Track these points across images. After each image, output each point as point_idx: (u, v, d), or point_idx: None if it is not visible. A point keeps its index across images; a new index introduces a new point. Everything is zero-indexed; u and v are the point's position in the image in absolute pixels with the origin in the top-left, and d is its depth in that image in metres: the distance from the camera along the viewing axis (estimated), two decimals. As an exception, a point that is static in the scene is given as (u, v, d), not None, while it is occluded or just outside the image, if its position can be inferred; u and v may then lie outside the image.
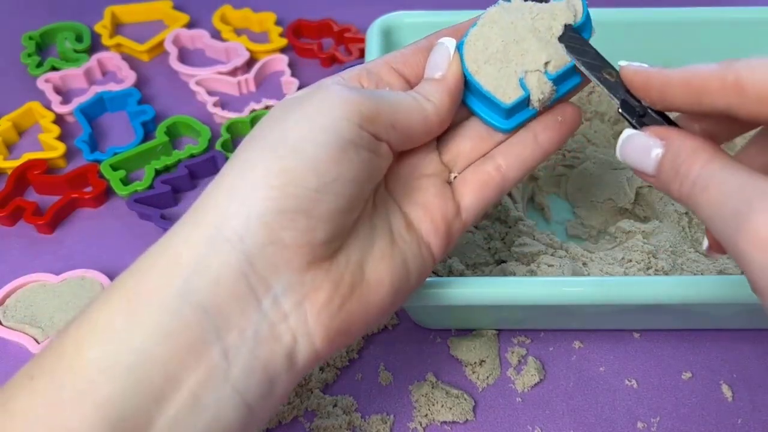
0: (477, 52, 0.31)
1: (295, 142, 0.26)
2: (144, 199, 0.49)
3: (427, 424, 0.38)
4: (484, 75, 0.30)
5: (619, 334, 0.42)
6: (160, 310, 0.25)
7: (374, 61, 0.31)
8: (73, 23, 0.61)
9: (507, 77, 0.30)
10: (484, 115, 0.31)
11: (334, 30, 0.60)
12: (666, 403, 0.39)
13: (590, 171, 0.46)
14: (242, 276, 0.26)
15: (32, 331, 0.42)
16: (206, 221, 0.26)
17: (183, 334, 0.25)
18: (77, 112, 0.54)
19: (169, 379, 0.24)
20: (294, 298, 0.26)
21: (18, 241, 0.48)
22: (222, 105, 0.56)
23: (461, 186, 0.32)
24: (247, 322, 0.26)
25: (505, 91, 0.30)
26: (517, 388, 0.40)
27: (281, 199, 0.25)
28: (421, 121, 0.29)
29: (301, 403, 0.39)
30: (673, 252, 0.41)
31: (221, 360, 0.25)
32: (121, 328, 0.24)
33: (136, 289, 0.25)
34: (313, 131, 0.26)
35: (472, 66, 0.31)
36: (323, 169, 0.26)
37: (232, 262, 0.25)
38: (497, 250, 0.42)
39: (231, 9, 0.63)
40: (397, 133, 0.29)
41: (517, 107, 0.31)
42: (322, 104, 0.27)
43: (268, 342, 0.26)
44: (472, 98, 0.31)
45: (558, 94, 0.31)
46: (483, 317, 0.41)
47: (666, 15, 0.48)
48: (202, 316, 0.25)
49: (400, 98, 0.29)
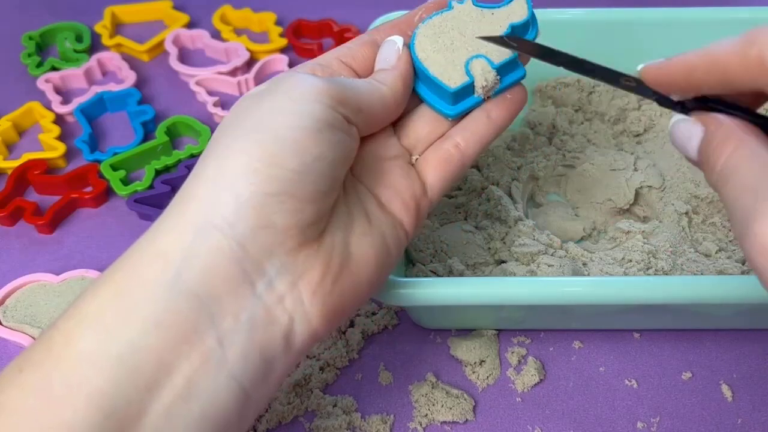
0: (427, 43, 0.33)
1: (274, 127, 0.27)
2: (144, 199, 0.49)
3: (427, 424, 0.38)
4: (433, 62, 0.32)
5: (619, 334, 0.42)
6: (150, 300, 0.25)
7: (324, 56, 0.33)
8: (73, 23, 0.61)
9: (453, 64, 0.32)
10: (432, 101, 0.33)
11: (334, 30, 0.60)
12: (666, 403, 0.39)
13: (590, 171, 0.46)
14: (235, 262, 0.26)
15: (32, 331, 0.42)
16: (192, 210, 0.26)
17: (175, 323, 0.25)
18: (77, 112, 0.54)
19: (163, 367, 0.24)
20: (288, 280, 0.27)
21: (18, 241, 0.48)
22: (222, 105, 0.56)
23: (424, 166, 0.34)
24: (241, 307, 0.26)
25: (450, 77, 0.32)
26: (517, 388, 0.40)
27: (266, 182, 0.26)
28: (380, 103, 0.31)
29: (301, 403, 0.39)
30: (673, 252, 0.41)
31: (216, 346, 0.25)
32: (111, 319, 0.25)
33: (125, 280, 0.25)
34: (289, 115, 0.27)
35: (421, 54, 0.33)
36: (303, 150, 0.27)
37: (224, 248, 0.26)
38: (497, 250, 0.42)
39: (231, 9, 0.63)
40: (363, 116, 0.30)
41: (462, 93, 0.33)
42: (293, 90, 0.28)
43: (264, 325, 0.26)
44: (422, 85, 0.33)
45: (502, 84, 0.33)
46: (483, 317, 0.41)
47: (666, 15, 0.48)
48: (195, 303, 0.25)
49: (359, 83, 0.31)
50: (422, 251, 0.42)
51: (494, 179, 0.45)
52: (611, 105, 0.49)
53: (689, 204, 0.44)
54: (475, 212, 0.44)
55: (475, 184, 0.45)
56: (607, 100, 0.49)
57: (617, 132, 0.49)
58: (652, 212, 0.45)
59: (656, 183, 0.45)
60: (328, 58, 0.32)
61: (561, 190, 0.47)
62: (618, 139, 0.49)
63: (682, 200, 0.44)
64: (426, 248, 0.42)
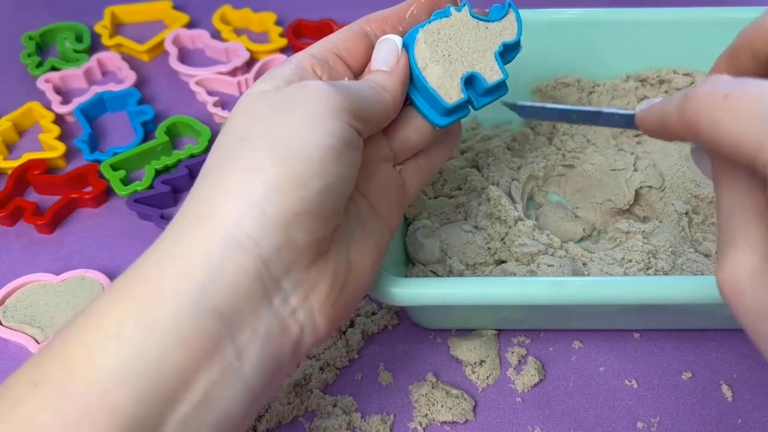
0: (426, 51, 0.33)
1: (299, 145, 0.27)
2: (144, 199, 0.49)
3: (427, 424, 0.38)
4: (431, 72, 0.33)
5: (619, 334, 0.42)
6: (174, 317, 0.25)
7: (318, 47, 0.32)
8: (73, 23, 0.61)
9: (450, 78, 0.33)
10: (425, 110, 0.33)
11: (334, 30, 0.60)
12: (666, 403, 0.39)
13: (590, 171, 0.46)
14: (258, 279, 0.26)
15: (32, 331, 0.42)
16: (217, 225, 0.26)
17: (198, 339, 0.25)
18: (77, 112, 0.54)
19: (183, 382, 0.25)
20: (301, 294, 0.28)
21: (18, 241, 0.48)
22: (222, 105, 0.56)
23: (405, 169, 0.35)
24: (258, 321, 0.26)
25: (448, 91, 0.33)
26: (517, 388, 0.40)
27: (294, 202, 0.26)
28: (383, 111, 0.31)
29: (301, 403, 0.39)
30: (673, 252, 0.41)
31: (234, 359, 0.26)
32: (133, 335, 0.24)
33: (148, 295, 0.25)
34: (313, 133, 0.27)
35: (420, 62, 0.33)
36: (326, 170, 0.27)
37: (249, 267, 0.26)
38: (497, 250, 0.42)
39: (231, 9, 0.63)
40: (368, 126, 0.30)
41: (455, 108, 0.33)
42: (313, 105, 0.27)
43: (278, 336, 0.27)
44: (416, 93, 0.33)
45: (487, 100, 0.34)
46: (483, 317, 0.41)
47: (666, 15, 0.48)
48: (218, 320, 0.25)
49: (364, 89, 0.30)
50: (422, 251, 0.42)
51: (494, 179, 0.45)
52: (611, 105, 0.49)
53: (689, 204, 0.44)
54: (475, 212, 0.44)
55: (475, 184, 0.45)
56: (607, 100, 0.49)
57: (617, 132, 0.49)
58: (652, 212, 0.45)
59: (656, 183, 0.45)
60: (322, 50, 0.32)
61: (561, 190, 0.47)
62: (618, 139, 0.49)
63: (682, 200, 0.44)
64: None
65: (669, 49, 0.48)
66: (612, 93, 0.49)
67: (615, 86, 0.49)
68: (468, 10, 0.33)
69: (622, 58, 0.49)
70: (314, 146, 0.27)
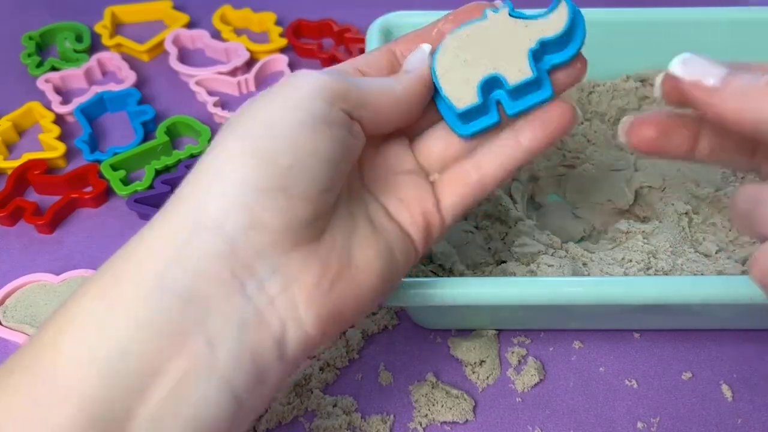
0: (448, 57, 0.31)
1: (268, 122, 0.26)
2: (144, 199, 0.49)
3: (427, 424, 0.38)
4: (448, 79, 0.31)
5: (619, 334, 0.42)
6: (138, 301, 0.24)
7: (341, 65, 0.32)
8: (73, 23, 0.61)
9: (468, 82, 0.31)
10: (447, 119, 0.32)
11: (334, 30, 0.60)
12: (666, 403, 0.39)
13: (590, 172, 0.46)
14: (225, 262, 0.25)
15: (32, 332, 0.42)
16: (183, 209, 0.26)
17: (163, 324, 0.24)
18: (77, 112, 0.54)
19: (150, 369, 0.24)
20: (281, 282, 0.26)
21: (18, 241, 0.48)
22: (222, 105, 0.56)
23: (441, 185, 0.33)
24: (231, 309, 0.25)
25: (461, 97, 0.31)
26: (517, 388, 0.40)
27: (259, 178, 0.25)
28: (390, 100, 0.30)
29: (301, 403, 0.39)
30: (673, 252, 0.41)
31: (205, 348, 0.25)
32: (98, 321, 0.24)
33: (114, 281, 0.25)
34: (284, 110, 0.27)
35: (440, 69, 0.31)
36: (297, 146, 0.26)
37: (213, 249, 0.25)
38: (497, 250, 0.42)
39: (231, 9, 0.63)
40: (368, 113, 0.29)
41: (471, 113, 0.31)
42: (291, 87, 0.28)
43: (255, 328, 0.26)
44: (440, 102, 0.32)
45: (524, 105, 0.31)
46: (483, 317, 0.41)
47: (667, 15, 0.48)
48: (183, 305, 0.25)
49: (367, 80, 0.30)
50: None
51: (494, 179, 0.45)
52: (611, 105, 0.49)
53: (689, 204, 0.44)
54: (475, 212, 0.44)
55: (475, 184, 0.45)
56: (607, 100, 0.49)
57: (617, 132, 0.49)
58: (652, 212, 0.45)
59: (656, 183, 0.45)
60: (342, 66, 0.32)
61: (561, 190, 0.47)
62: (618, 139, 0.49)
63: (682, 200, 0.44)
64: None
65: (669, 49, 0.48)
66: (612, 93, 0.49)
67: (615, 86, 0.49)
68: (507, 11, 0.31)
69: (622, 58, 0.49)
70: (282, 120, 0.26)
